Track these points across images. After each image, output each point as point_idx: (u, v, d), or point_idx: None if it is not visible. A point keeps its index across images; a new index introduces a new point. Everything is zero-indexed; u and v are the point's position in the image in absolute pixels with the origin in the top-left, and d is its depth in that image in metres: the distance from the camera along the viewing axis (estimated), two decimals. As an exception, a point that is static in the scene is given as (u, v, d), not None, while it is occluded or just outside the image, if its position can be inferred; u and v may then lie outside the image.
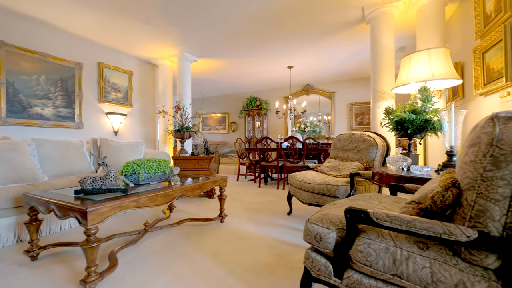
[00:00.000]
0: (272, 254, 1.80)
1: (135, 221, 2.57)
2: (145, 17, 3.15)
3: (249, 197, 3.66)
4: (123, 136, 4.30)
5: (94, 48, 3.88)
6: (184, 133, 3.74)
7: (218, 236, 2.13)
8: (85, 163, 3.00)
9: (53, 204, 1.46)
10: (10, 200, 2.00)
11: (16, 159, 2.29)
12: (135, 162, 1.94)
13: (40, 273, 1.55)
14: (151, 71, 4.88)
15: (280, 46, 4.10)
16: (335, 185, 2.10)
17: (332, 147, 2.97)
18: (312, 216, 1.14)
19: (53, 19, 3.18)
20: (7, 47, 2.92)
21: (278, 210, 2.96)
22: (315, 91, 6.60)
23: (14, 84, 3.00)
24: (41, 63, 3.25)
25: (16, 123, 3.01)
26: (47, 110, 3.32)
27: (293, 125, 6.82)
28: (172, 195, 1.83)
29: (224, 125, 8.21)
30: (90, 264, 1.33)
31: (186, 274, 1.53)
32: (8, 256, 1.80)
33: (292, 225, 2.41)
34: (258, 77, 6.02)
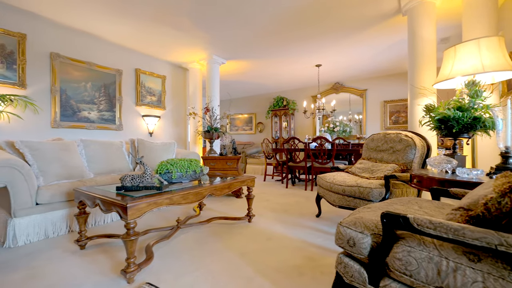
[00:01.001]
0: (301, 256, 1.77)
1: (168, 217, 2.71)
2: (176, 24, 3.32)
3: (276, 198, 3.64)
4: (157, 136, 4.58)
5: (131, 56, 4.19)
6: (213, 134, 3.86)
7: (246, 235, 2.16)
8: (124, 162, 3.25)
9: (99, 199, 1.61)
10: (63, 194, 2.25)
11: (68, 158, 2.57)
12: (169, 162, 2.05)
13: (88, 261, 1.72)
14: (182, 74, 5.12)
15: (308, 44, 4.01)
16: (368, 188, 1.99)
17: (364, 148, 2.83)
18: (344, 219, 1.09)
19: (97, 30, 3.50)
20: (60, 59, 3.29)
21: (306, 211, 2.90)
22: (345, 89, 6.34)
23: (66, 91, 3.37)
24: (88, 71, 3.61)
25: (67, 126, 3.37)
26: (93, 113, 3.67)
27: (321, 125, 6.64)
28: (203, 193, 1.90)
29: (251, 126, 8.29)
30: (130, 256, 1.44)
31: (216, 271, 1.57)
32: (62, 244, 2.02)
33: (321, 228, 2.34)
34: (285, 77, 5.97)
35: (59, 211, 2.24)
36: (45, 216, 2.15)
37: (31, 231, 2.06)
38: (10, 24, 2.85)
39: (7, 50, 2.82)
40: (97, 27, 3.39)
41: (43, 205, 2.15)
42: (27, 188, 2.06)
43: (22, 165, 2.06)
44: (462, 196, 1.30)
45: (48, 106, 3.18)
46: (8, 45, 2.83)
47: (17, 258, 1.77)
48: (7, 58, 2.82)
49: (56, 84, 3.23)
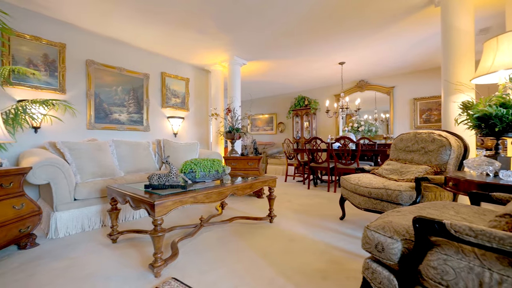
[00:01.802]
0: (324, 259, 1.72)
1: (191, 215, 2.79)
2: (199, 27, 3.41)
3: (298, 199, 3.59)
4: (181, 137, 4.74)
5: (157, 60, 4.39)
6: (234, 134, 3.91)
7: (268, 236, 2.15)
8: (151, 161, 3.41)
9: (129, 196, 1.71)
10: (97, 191, 2.42)
11: (101, 158, 2.76)
12: (192, 161, 2.11)
13: (119, 254, 1.83)
14: (204, 77, 5.25)
15: (331, 42, 3.90)
16: (397, 190, 1.89)
17: (392, 148, 2.68)
18: (371, 223, 1.04)
19: (127, 37, 3.71)
20: (95, 65, 3.55)
21: (329, 213, 2.82)
22: (370, 87, 6.07)
23: (99, 95, 3.62)
24: (118, 76, 3.84)
25: (100, 127, 3.62)
26: (123, 115, 3.90)
27: (344, 125, 6.42)
28: (225, 193, 1.93)
29: (271, 126, 8.26)
30: (157, 251, 1.50)
31: (238, 270, 1.58)
32: (96, 237, 2.18)
33: (346, 231, 2.26)
34: (307, 76, 5.87)
35: (93, 206, 2.41)
36: (82, 211, 2.33)
37: (70, 224, 2.24)
38: (52, 35, 3.13)
39: (49, 59, 3.10)
40: (127, 34, 3.59)
41: (80, 200, 2.33)
42: (67, 185, 2.25)
43: (63, 164, 2.25)
44: (507, 201, 1.17)
45: (84, 109, 3.43)
46: (51, 54, 3.11)
47: (58, 249, 1.93)
48: (49, 66, 3.10)
49: (91, 89, 3.48)
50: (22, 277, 1.52)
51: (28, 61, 2.92)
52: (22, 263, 1.70)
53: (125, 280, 1.47)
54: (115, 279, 1.49)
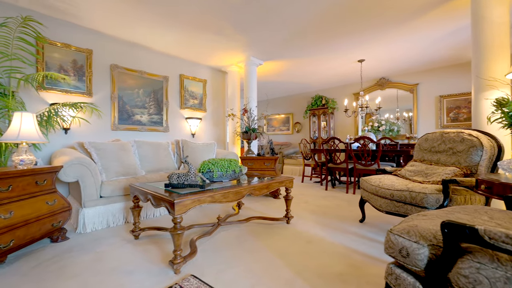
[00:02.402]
0: (344, 262, 1.67)
1: (209, 214, 2.84)
2: (216, 29, 3.46)
3: (315, 200, 3.53)
4: (198, 137, 4.85)
5: (176, 62, 4.52)
6: (251, 134, 3.92)
7: (285, 237, 2.13)
8: (170, 161, 3.51)
9: (150, 194, 1.77)
10: (121, 189, 2.53)
11: (124, 157, 2.89)
12: (210, 161, 2.15)
13: (141, 250, 1.90)
14: (221, 78, 5.32)
15: (350, 39, 3.80)
16: (422, 193, 1.79)
17: (416, 148, 2.55)
18: (395, 226, 1.00)
19: (147, 42, 3.86)
20: (118, 69, 3.72)
21: (348, 215, 2.75)
22: (392, 85, 5.83)
23: (123, 97, 3.79)
24: (140, 79, 4.01)
25: (123, 128, 3.79)
26: (144, 117, 4.06)
27: (364, 124, 6.21)
28: (242, 193, 1.94)
29: (288, 126, 8.20)
30: (177, 248, 1.54)
31: (256, 269, 1.58)
32: (119, 233, 2.28)
33: (366, 234, 2.18)
34: (324, 75, 5.75)
35: (117, 204, 2.53)
36: (107, 207, 2.45)
37: (96, 220, 2.37)
38: (80, 41, 3.33)
39: (78, 64, 3.30)
40: (148, 39, 3.74)
41: (105, 198, 2.45)
42: (93, 183, 2.38)
43: (90, 163, 2.39)
44: (549, 207, 1.07)
45: (109, 111, 3.62)
46: (79, 60, 3.31)
47: (86, 243, 2.05)
48: (78, 71, 3.30)
49: (115, 92, 3.66)
50: (54, 269, 1.63)
51: (59, 67, 3.13)
52: (54, 255, 1.83)
53: (147, 275, 1.53)
54: (138, 274, 1.55)
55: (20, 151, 1.94)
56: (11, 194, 1.72)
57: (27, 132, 1.94)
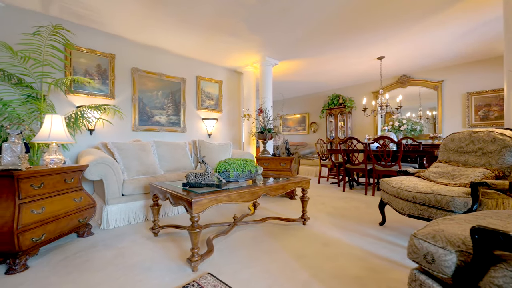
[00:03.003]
0: (362, 266, 1.62)
1: (225, 214, 2.87)
2: (232, 31, 3.50)
3: (332, 201, 3.45)
4: (214, 138, 4.92)
5: (193, 64, 4.62)
6: (266, 135, 3.91)
7: (301, 238, 2.10)
8: (187, 160, 3.59)
9: (169, 193, 1.82)
10: (141, 187, 2.63)
11: (144, 157, 2.99)
12: (226, 161, 2.17)
13: (160, 247, 1.96)
14: (237, 78, 5.37)
15: (369, 36, 3.67)
16: (448, 196, 1.69)
17: (441, 149, 2.42)
18: (419, 230, 0.95)
19: (165, 45, 3.98)
20: (139, 72, 3.87)
21: (366, 218, 2.66)
22: (414, 82, 5.57)
23: (143, 99, 3.94)
24: (159, 81, 4.14)
25: (143, 129, 3.94)
26: (162, 118, 4.19)
27: (384, 124, 5.99)
28: (258, 193, 1.94)
29: (303, 126, 8.10)
30: (194, 246, 1.57)
31: (272, 270, 1.58)
32: (140, 230, 2.37)
33: (386, 238, 2.10)
34: (341, 73, 5.61)
35: (138, 201, 2.63)
36: (128, 205, 2.56)
37: (118, 217, 2.48)
38: (104, 46, 3.50)
39: (102, 68, 3.48)
40: (166, 42, 3.85)
41: (127, 196, 2.56)
42: (116, 181, 2.49)
43: (113, 162, 2.50)
44: None
45: (130, 112, 3.77)
46: (103, 64, 3.48)
47: (109, 238, 2.15)
48: (102, 75, 3.47)
49: (135, 94, 3.81)
50: (79, 262, 1.72)
51: (85, 71, 3.31)
52: (81, 249, 1.93)
53: (166, 272, 1.57)
54: (157, 270, 1.60)
55: (51, 151, 2.07)
56: (43, 191, 1.84)
57: (57, 133, 2.07)
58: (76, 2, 2.74)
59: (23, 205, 1.67)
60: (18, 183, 1.66)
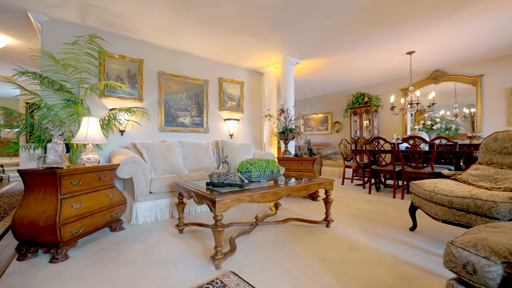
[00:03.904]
0: (392, 273, 1.53)
1: (246, 214, 2.89)
2: (253, 31, 3.51)
3: (357, 204, 3.32)
4: (236, 138, 4.98)
5: (215, 66, 4.72)
6: (288, 135, 3.87)
7: (325, 241, 2.05)
8: (210, 160, 3.68)
9: (193, 192, 1.87)
10: (167, 186, 2.74)
11: (170, 157, 3.12)
12: (248, 162, 2.18)
13: (185, 244, 2.03)
14: (258, 79, 5.39)
15: (397, 30, 3.48)
16: (491, 201, 1.54)
17: (481, 150, 2.21)
18: (457, 238, 0.88)
19: (189, 48, 4.11)
20: (165, 76, 4.05)
21: (395, 222, 2.52)
22: (449, 77, 5.16)
23: (168, 101, 4.11)
24: (183, 84, 4.30)
25: (169, 130, 4.11)
26: (186, 119, 4.33)
27: (414, 122, 5.63)
28: (280, 193, 1.92)
29: (326, 126, 7.89)
30: (217, 244, 1.60)
31: (294, 272, 1.55)
32: (165, 227, 2.47)
33: (418, 244, 1.97)
34: (367, 71, 5.38)
35: (164, 199, 2.75)
36: (155, 203, 2.68)
37: (146, 213, 2.61)
38: (133, 52, 3.71)
39: (131, 73, 3.69)
40: (190, 45, 3.98)
41: (154, 194, 2.68)
42: (144, 180, 2.62)
43: (141, 162, 2.64)
44: None
45: (156, 114, 3.95)
46: (132, 69, 3.70)
47: (138, 234, 2.27)
48: (131, 79, 3.69)
49: (161, 97, 3.99)
50: (112, 255, 1.84)
51: (117, 76, 3.54)
52: (113, 242, 2.06)
53: (191, 268, 1.62)
54: (183, 266, 1.65)
55: (87, 150, 2.24)
56: (81, 188, 2.00)
57: (93, 134, 2.23)
58: (109, 12, 2.94)
59: (64, 200, 1.83)
60: (60, 180, 1.82)
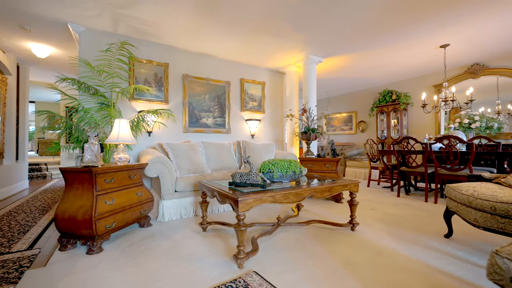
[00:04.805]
0: (425, 283, 1.43)
1: (267, 214, 2.88)
2: (275, 31, 3.50)
3: (385, 207, 3.16)
4: (257, 138, 4.99)
5: (237, 68, 4.78)
6: (310, 135, 3.80)
7: (350, 244, 1.98)
8: (232, 160, 3.73)
9: (216, 191, 1.91)
10: (191, 185, 2.83)
11: (194, 157, 3.21)
12: (270, 162, 2.18)
13: (208, 242, 2.07)
14: (279, 79, 5.35)
15: (428, 23, 3.25)
16: (542, 208, 1.38)
17: (530, 150, 1.98)
18: (503, 248, 0.79)
19: (212, 51, 4.21)
20: (189, 78, 4.19)
21: (427, 228, 2.35)
22: (490, 71, 4.70)
23: (192, 103, 4.25)
24: (206, 86, 4.41)
25: (192, 131, 4.24)
26: (209, 120, 4.44)
27: (448, 121, 5.22)
28: (303, 194, 1.89)
29: (350, 125, 7.61)
30: (240, 244, 1.62)
31: (318, 276, 1.52)
32: (190, 224, 2.54)
33: (454, 252, 1.82)
34: (395, 67, 5.10)
35: (188, 198, 2.84)
36: (180, 201, 2.78)
37: (172, 211, 2.71)
38: (159, 57, 3.89)
39: (158, 76, 3.87)
40: (212, 48, 4.08)
41: (179, 192, 2.78)
42: (170, 178, 2.73)
43: (167, 161, 2.75)
44: None
45: (181, 116, 4.10)
46: (159, 73, 3.87)
47: (165, 230, 2.37)
48: (158, 83, 3.86)
49: (186, 99, 4.13)
50: (142, 249, 1.94)
51: (145, 80, 3.73)
52: (142, 238, 2.17)
53: (214, 266, 1.65)
54: (207, 263, 1.69)
55: (119, 150, 2.39)
56: (113, 185, 2.13)
57: (123, 135, 2.38)
58: (138, 19, 3.10)
59: (98, 196, 1.96)
60: (95, 178, 1.96)
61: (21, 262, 1.71)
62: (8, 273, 1.56)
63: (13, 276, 1.52)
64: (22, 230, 2.37)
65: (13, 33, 3.50)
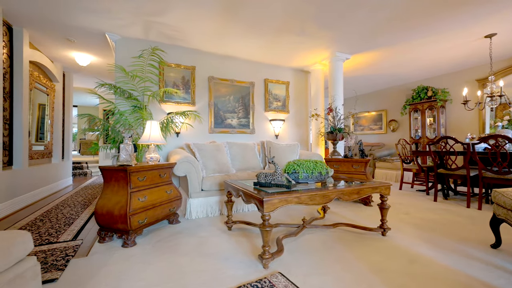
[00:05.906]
0: (468, 297, 1.31)
1: (292, 215, 2.84)
2: (299, 30, 3.44)
3: (419, 212, 2.94)
4: (281, 138, 4.96)
5: (260, 68, 4.79)
6: (337, 135, 3.68)
7: (380, 250, 1.87)
8: (256, 160, 3.74)
9: (241, 191, 1.93)
10: (217, 184, 2.90)
11: (219, 157, 3.29)
12: (295, 162, 2.14)
13: (234, 241, 2.10)
14: (304, 78, 5.26)
15: (471, 11, 2.96)
16: None
17: None
18: None
19: (236, 53, 4.27)
20: (214, 80, 4.30)
21: (471, 237, 2.14)
22: (545, 62, 4.15)
23: (217, 104, 4.35)
24: (230, 87, 4.49)
25: (218, 131, 4.34)
26: (234, 120, 4.51)
27: (495, 119, 4.70)
28: (329, 196, 1.83)
29: (380, 124, 7.22)
30: (265, 244, 1.62)
31: (346, 280, 1.46)
32: (216, 223, 2.61)
33: (503, 265, 1.63)
34: (430, 61, 4.72)
35: (214, 197, 2.91)
36: (207, 199, 2.86)
37: (199, 209, 2.80)
38: (187, 60, 4.04)
39: (185, 79, 4.03)
40: (236, 50, 4.14)
41: (205, 191, 2.87)
42: (197, 178, 2.82)
43: (194, 161, 2.85)
44: None
45: (207, 117, 4.22)
46: (186, 76, 4.03)
47: (192, 228, 2.45)
48: (185, 85, 4.02)
49: (211, 100, 4.24)
50: (171, 245, 2.03)
51: (173, 83, 3.90)
52: (171, 234, 2.28)
53: (240, 265, 1.67)
54: (232, 262, 1.72)
55: (150, 150, 2.53)
56: (145, 183, 2.26)
57: (154, 136, 2.51)
58: (168, 25, 3.26)
59: (132, 193, 2.10)
60: (130, 176, 2.10)
61: (67, 251, 1.89)
62: (56, 260, 1.74)
63: (60, 264, 1.69)
64: (67, 223, 2.62)
65: (60, 45, 3.89)
